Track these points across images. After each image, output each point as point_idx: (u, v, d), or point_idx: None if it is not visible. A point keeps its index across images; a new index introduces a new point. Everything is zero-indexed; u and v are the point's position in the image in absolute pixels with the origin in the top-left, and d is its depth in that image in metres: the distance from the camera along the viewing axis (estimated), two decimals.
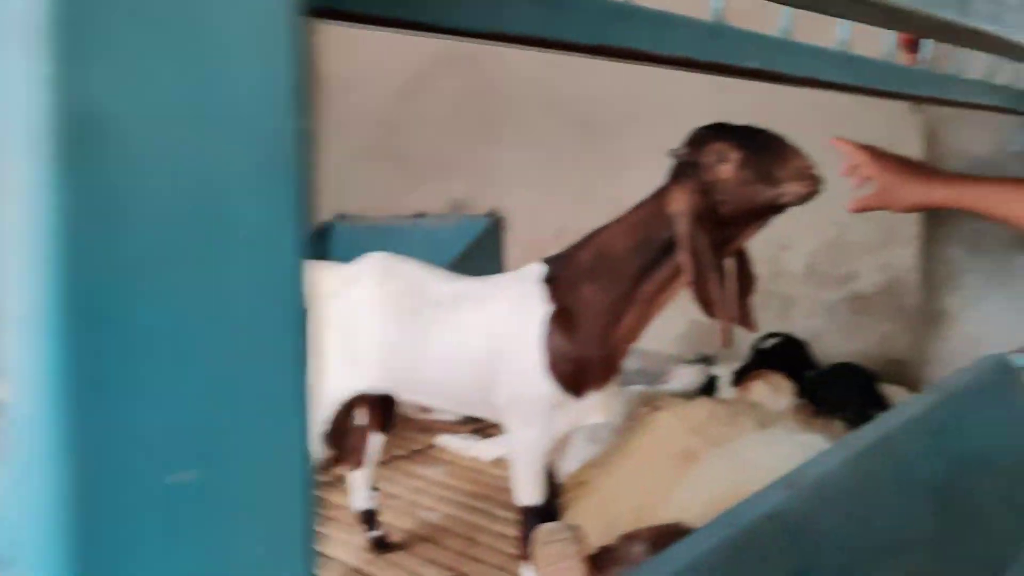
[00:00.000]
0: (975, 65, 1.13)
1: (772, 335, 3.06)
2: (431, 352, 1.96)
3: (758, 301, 3.82)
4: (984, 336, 1.76)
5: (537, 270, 1.89)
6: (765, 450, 1.40)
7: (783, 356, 2.88)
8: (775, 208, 1.68)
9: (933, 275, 1.83)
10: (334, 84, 5.77)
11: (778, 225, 3.49)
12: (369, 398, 2.30)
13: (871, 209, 1.53)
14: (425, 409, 2.49)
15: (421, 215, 5.13)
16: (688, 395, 3.64)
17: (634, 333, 1.82)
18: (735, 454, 1.45)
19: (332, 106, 5.80)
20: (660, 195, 1.77)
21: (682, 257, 1.68)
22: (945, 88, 1.01)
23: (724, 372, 3.54)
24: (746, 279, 1.82)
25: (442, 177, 5.04)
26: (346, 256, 5.52)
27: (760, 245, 3.71)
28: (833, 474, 1.04)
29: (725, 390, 3.36)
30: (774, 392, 2.46)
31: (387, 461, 3.39)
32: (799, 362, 2.85)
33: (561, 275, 1.84)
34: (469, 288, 1.98)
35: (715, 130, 1.70)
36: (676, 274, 1.76)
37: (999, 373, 1.52)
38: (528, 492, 1.95)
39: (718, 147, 1.65)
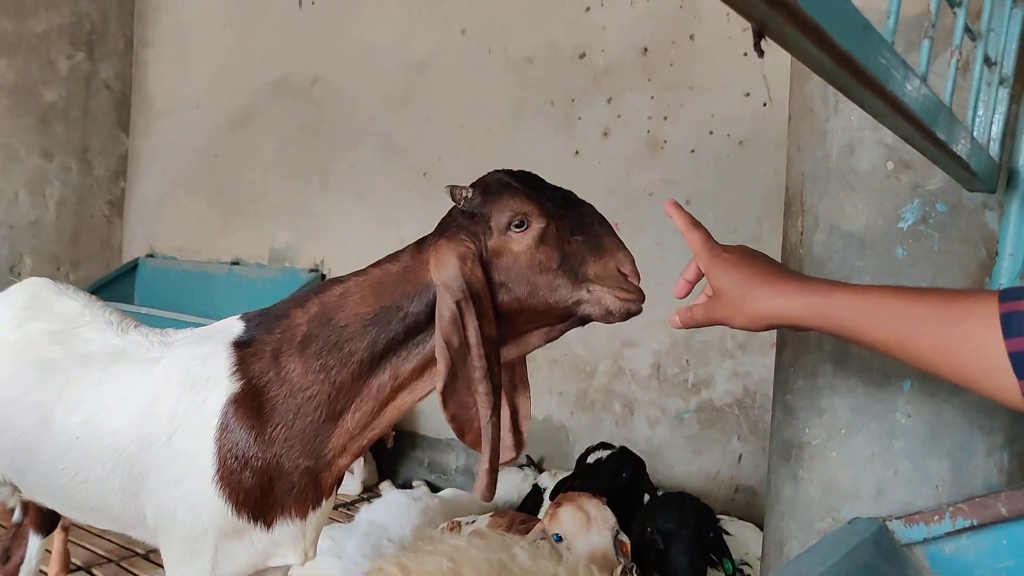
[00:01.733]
0: None
1: (603, 446, 2.52)
2: (59, 431, 1.28)
3: (597, 403, 3.35)
4: (850, 485, 1.25)
5: (232, 327, 1.27)
6: None
7: (612, 472, 2.34)
8: (571, 317, 1.15)
9: (789, 392, 1.32)
10: (160, 105, 5.05)
11: None
12: None
13: (701, 324, 1.03)
14: None
15: (237, 262, 4.43)
16: (507, 507, 3.05)
17: (356, 442, 1.21)
18: None
19: (154, 129, 5.07)
20: (420, 249, 1.21)
21: (437, 347, 1.11)
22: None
23: (551, 483, 2.98)
24: (519, 401, 1.25)
25: (264, 222, 4.37)
26: (150, 300, 4.59)
27: (601, 339, 3.27)
28: None
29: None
30: (586, 524, 1.89)
31: (112, 560, 2.61)
32: (632, 482, 2.31)
33: (260, 339, 1.22)
34: (135, 342, 1.33)
35: (521, 181, 1.17)
36: (427, 366, 1.19)
37: (878, 553, 1.00)
38: None
39: (518, 205, 1.12)
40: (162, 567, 2.62)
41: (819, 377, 1.29)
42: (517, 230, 1.12)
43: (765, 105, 2.81)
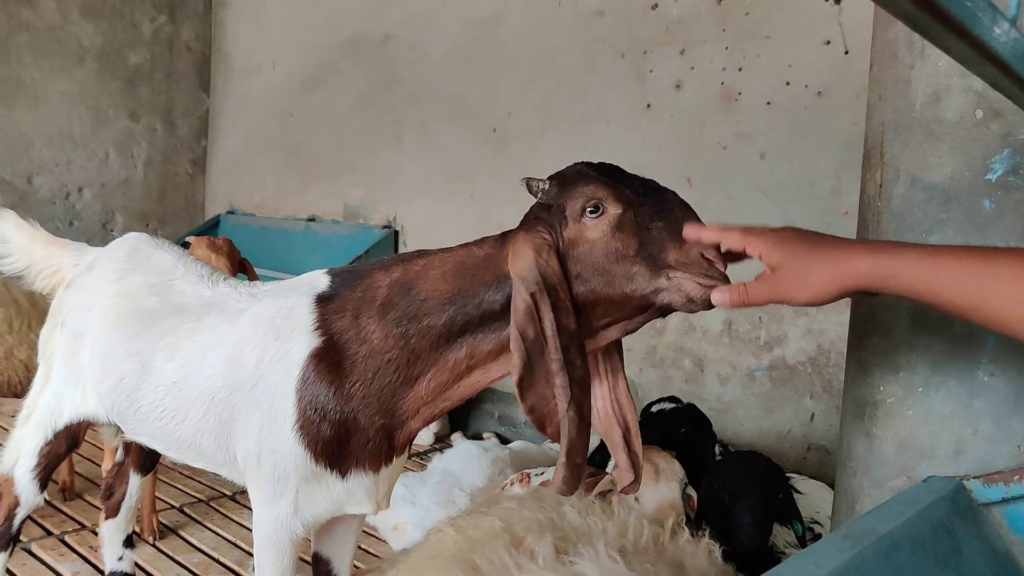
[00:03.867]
0: None
1: (671, 399, 2.52)
2: (158, 376, 1.37)
3: (667, 359, 3.34)
4: (926, 443, 1.23)
5: (318, 282, 1.32)
6: None
7: (671, 426, 2.33)
8: (650, 307, 1.11)
9: (864, 349, 1.30)
10: (239, 66, 5.17)
11: None
12: None
13: (757, 303, 0.98)
14: None
15: (313, 219, 4.55)
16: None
17: (429, 408, 1.24)
18: None
19: (233, 90, 5.20)
20: (503, 241, 1.20)
21: (512, 339, 1.11)
22: None
23: None
24: (628, 417, 1.22)
25: (339, 179, 4.46)
26: None
27: None
28: None
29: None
30: (654, 475, 1.91)
31: (203, 500, 2.77)
32: (693, 439, 2.30)
33: (343, 295, 1.27)
34: (225, 294, 1.40)
35: (598, 170, 1.13)
36: (503, 351, 1.19)
37: (954, 512, 0.99)
38: None
39: (592, 190, 1.09)
40: (247, 508, 2.77)
41: (895, 334, 1.27)
42: (591, 216, 1.09)
43: (847, 53, 2.70)
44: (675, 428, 2.30)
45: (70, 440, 1.60)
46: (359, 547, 2.51)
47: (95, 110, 4.85)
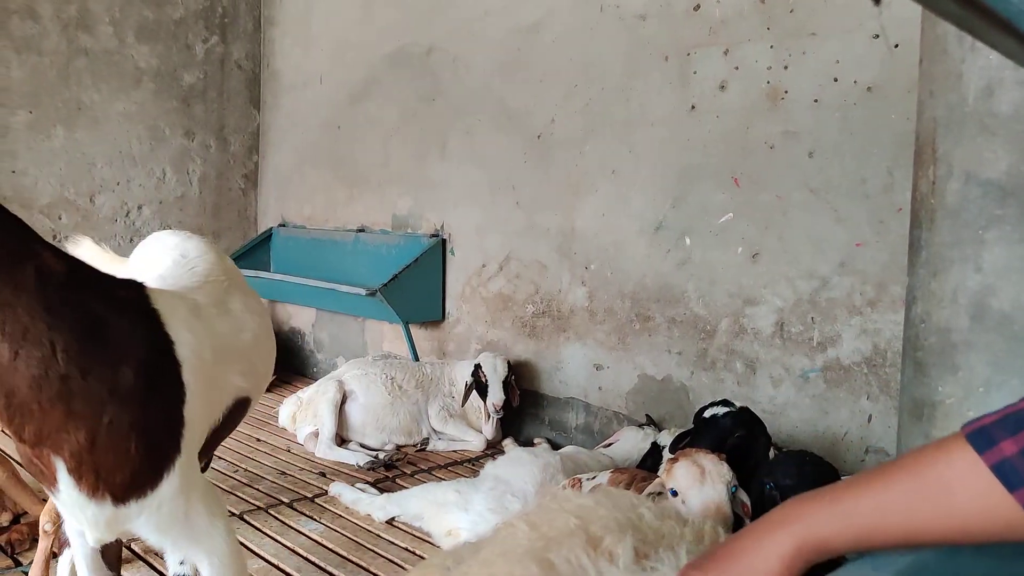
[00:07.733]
0: None
1: (724, 403, 2.49)
2: None
3: (718, 362, 3.31)
4: None
5: None
6: None
7: (725, 430, 2.31)
8: None
9: (920, 349, 1.28)
10: (287, 81, 5.28)
11: (743, 276, 2.93)
12: None
13: None
14: None
15: (362, 229, 4.62)
16: (627, 464, 3.08)
17: None
18: None
19: (282, 105, 5.31)
20: None
21: None
22: None
23: (669, 440, 2.98)
24: None
25: (387, 190, 4.53)
26: (284, 266, 4.90)
27: (721, 298, 3.22)
28: None
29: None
30: (700, 477, 1.89)
31: (262, 508, 2.85)
32: (746, 443, 2.28)
33: None
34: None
35: None
36: None
37: None
38: None
39: None
40: (304, 515, 2.82)
41: (953, 333, 1.24)
42: None
43: (896, 47, 2.65)
44: (730, 432, 2.28)
45: None
46: (414, 553, 2.55)
47: (152, 129, 5.00)
